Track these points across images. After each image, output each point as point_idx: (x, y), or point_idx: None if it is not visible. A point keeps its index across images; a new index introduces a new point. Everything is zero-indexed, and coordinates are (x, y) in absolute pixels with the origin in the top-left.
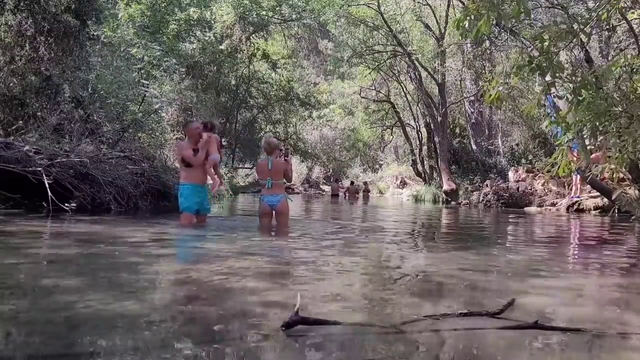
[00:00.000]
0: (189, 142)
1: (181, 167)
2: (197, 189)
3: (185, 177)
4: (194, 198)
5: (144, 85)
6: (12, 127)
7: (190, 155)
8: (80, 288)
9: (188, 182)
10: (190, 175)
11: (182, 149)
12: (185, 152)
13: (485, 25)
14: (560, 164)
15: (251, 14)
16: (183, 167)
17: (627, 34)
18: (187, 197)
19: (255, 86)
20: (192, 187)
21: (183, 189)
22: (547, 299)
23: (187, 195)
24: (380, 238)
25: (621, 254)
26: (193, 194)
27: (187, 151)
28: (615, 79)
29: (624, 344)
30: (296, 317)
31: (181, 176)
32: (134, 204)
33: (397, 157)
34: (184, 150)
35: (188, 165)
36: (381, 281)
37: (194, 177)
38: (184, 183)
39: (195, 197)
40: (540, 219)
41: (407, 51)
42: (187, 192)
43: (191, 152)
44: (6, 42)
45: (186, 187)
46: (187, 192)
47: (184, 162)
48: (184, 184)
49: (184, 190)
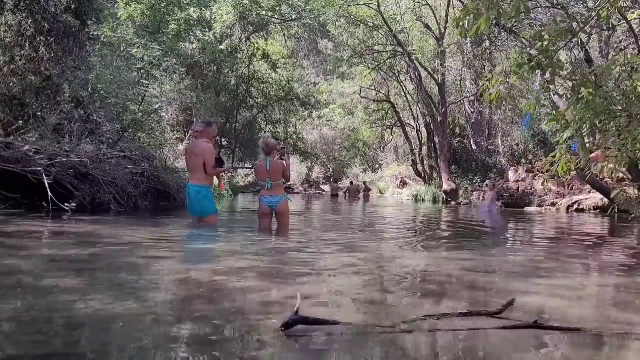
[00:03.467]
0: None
1: (205, 170)
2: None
3: (207, 180)
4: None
5: (144, 85)
6: (12, 127)
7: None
8: (80, 288)
9: (209, 185)
10: (211, 178)
11: (213, 153)
12: (214, 157)
13: (485, 24)
14: (559, 163)
15: (251, 14)
16: (203, 170)
17: (627, 34)
18: (212, 199)
19: (255, 86)
20: (211, 190)
21: (208, 191)
22: (547, 299)
23: (211, 197)
24: (380, 238)
25: (621, 254)
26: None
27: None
28: (615, 78)
29: (624, 344)
30: (296, 317)
31: (202, 179)
32: (134, 204)
33: (397, 157)
34: (214, 155)
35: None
36: (381, 281)
37: (211, 180)
38: (207, 186)
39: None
40: (540, 219)
41: (407, 51)
42: (211, 195)
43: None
44: (6, 42)
45: (209, 189)
46: (211, 195)
47: (207, 166)
48: (207, 186)
49: (209, 194)
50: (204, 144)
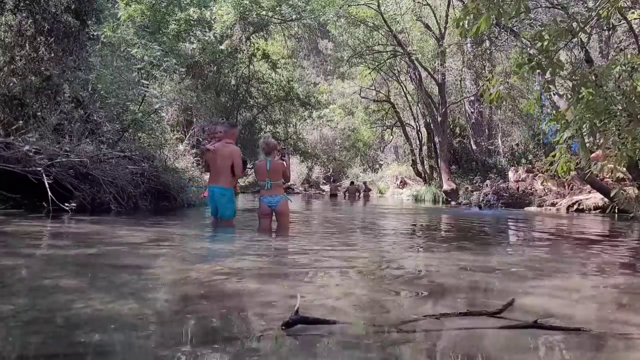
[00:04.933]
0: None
1: (231, 171)
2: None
3: (232, 182)
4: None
5: (144, 85)
6: (12, 127)
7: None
8: (80, 288)
9: (232, 187)
10: (234, 181)
11: (241, 156)
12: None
13: (485, 24)
14: (559, 163)
15: (251, 14)
16: (229, 172)
17: (627, 33)
18: (234, 202)
19: (255, 86)
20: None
21: (232, 194)
22: (547, 299)
23: (234, 200)
24: (380, 238)
25: (621, 254)
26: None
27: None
28: (615, 78)
29: (624, 344)
30: (296, 317)
31: (228, 181)
32: (134, 204)
33: (397, 157)
34: (241, 158)
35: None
36: (381, 281)
37: (235, 183)
38: (231, 188)
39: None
40: (540, 219)
41: (407, 51)
42: (233, 198)
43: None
44: (6, 42)
45: (232, 192)
46: (233, 197)
47: (236, 170)
48: (231, 189)
49: (232, 196)
50: (231, 146)
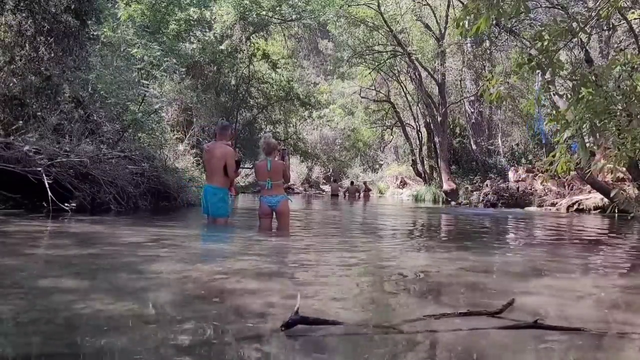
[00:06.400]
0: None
1: (224, 172)
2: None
3: (225, 182)
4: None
5: (144, 85)
6: (12, 127)
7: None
8: (80, 288)
9: (226, 187)
10: (228, 181)
11: (234, 156)
12: (234, 161)
13: (485, 24)
14: (558, 162)
15: (251, 14)
16: (222, 172)
17: (627, 33)
18: (227, 202)
19: (255, 86)
20: (228, 193)
21: (225, 194)
22: (547, 299)
23: (227, 200)
24: (380, 238)
25: (621, 254)
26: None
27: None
28: (615, 78)
29: (624, 344)
30: (296, 317)
31: (221, 181)
32: (134, 204)
33: (397, 157)
34: (234, 159)
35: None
36: (381, 281)
37: (229, 183)
38: (224, 188)
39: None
40: (540, 219)
41: (407, 51)
42: (227, 198)
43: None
44: (6, 42)
45: (226, 192)
46: (227, 197)
47: (229, 170)
48: (224, 189)
49: (226, 196)
50: (225, 146)
